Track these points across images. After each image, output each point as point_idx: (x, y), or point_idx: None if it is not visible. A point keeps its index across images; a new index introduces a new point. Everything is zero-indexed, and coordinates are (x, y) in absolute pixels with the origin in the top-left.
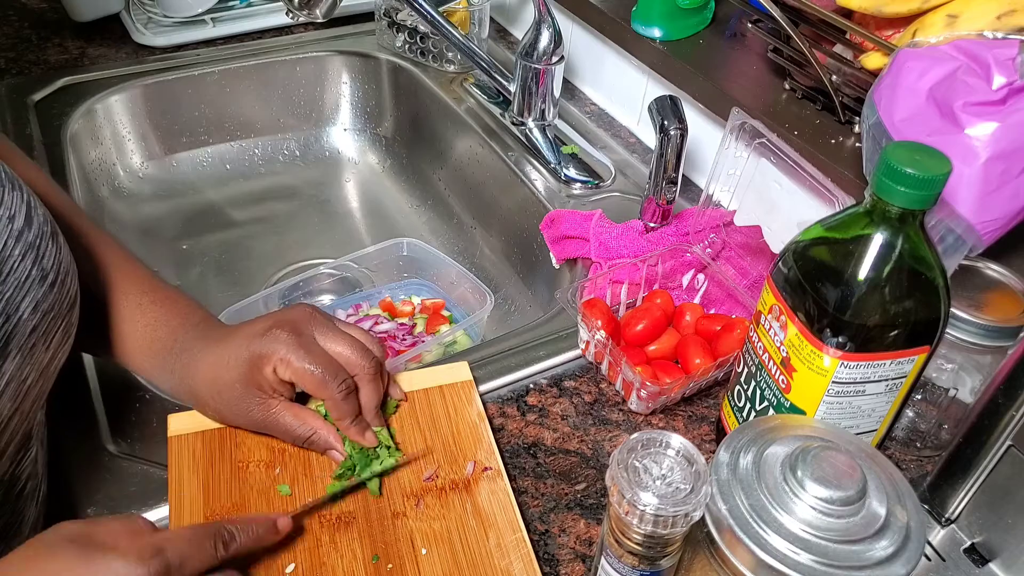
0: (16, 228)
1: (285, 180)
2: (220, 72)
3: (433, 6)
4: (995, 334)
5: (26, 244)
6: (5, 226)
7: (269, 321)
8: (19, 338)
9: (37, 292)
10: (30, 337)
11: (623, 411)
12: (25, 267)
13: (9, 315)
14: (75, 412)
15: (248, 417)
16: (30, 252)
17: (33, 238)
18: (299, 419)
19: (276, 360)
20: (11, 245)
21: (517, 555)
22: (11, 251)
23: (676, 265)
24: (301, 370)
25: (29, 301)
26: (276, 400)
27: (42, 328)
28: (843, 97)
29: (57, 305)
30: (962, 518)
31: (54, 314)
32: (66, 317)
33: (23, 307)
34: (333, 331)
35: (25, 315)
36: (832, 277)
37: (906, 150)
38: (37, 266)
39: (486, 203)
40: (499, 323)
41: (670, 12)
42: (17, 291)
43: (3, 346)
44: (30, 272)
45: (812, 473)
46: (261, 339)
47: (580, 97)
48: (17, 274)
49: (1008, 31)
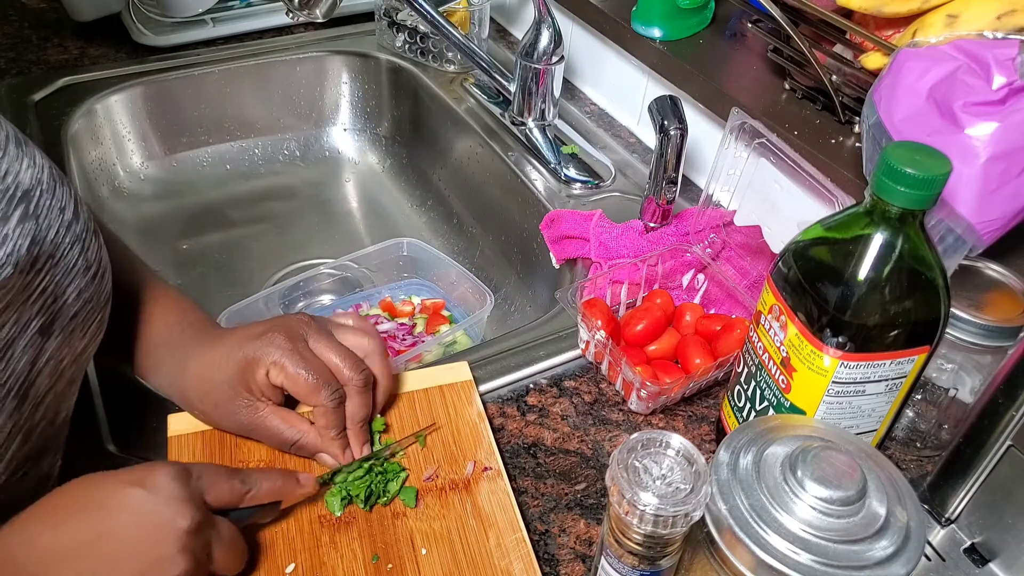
0: (67, 219)
1: (285, 180)
2: (220, 72)
3: (433, 6)
4: (995, 334)
5: (74, 235)
6: (57, 216)
7: (264, 325)
8: (62, 320)
9: (81, 281)
10: (71, 322)
11: (623, 411)
12: (73, 256)
13: (57, 296)
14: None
15: (235, 420)
16: (77, 243)
17: (80, 231)
18: (287, 423)
19: (270, 363)
20: (62, 234)
21: (517, 555)
22: (62, 239)
23: (676, 265)
24: (295, 375)
25: (74, 288)
26: (264, 403)
27: (82, 316)
28: (843, 97)
29: (96, 296)
30: (962, 518)
31: (93, 304)
32: (102, 310)
33: (69, 292)
34: (328, 339)
35: (70, 300)
36: (832, 277)
37: (906, 150)
38: (83, 256)
39: (486, 203)
40: (499, 323)
41: (670, 12)
42: (65, 276)
43: (49, 324)
44: (76, 261)
45: (812, 473)
46: (256, 342)
47: (580, 97)
48: (66, 261)
49: (1008, 31)
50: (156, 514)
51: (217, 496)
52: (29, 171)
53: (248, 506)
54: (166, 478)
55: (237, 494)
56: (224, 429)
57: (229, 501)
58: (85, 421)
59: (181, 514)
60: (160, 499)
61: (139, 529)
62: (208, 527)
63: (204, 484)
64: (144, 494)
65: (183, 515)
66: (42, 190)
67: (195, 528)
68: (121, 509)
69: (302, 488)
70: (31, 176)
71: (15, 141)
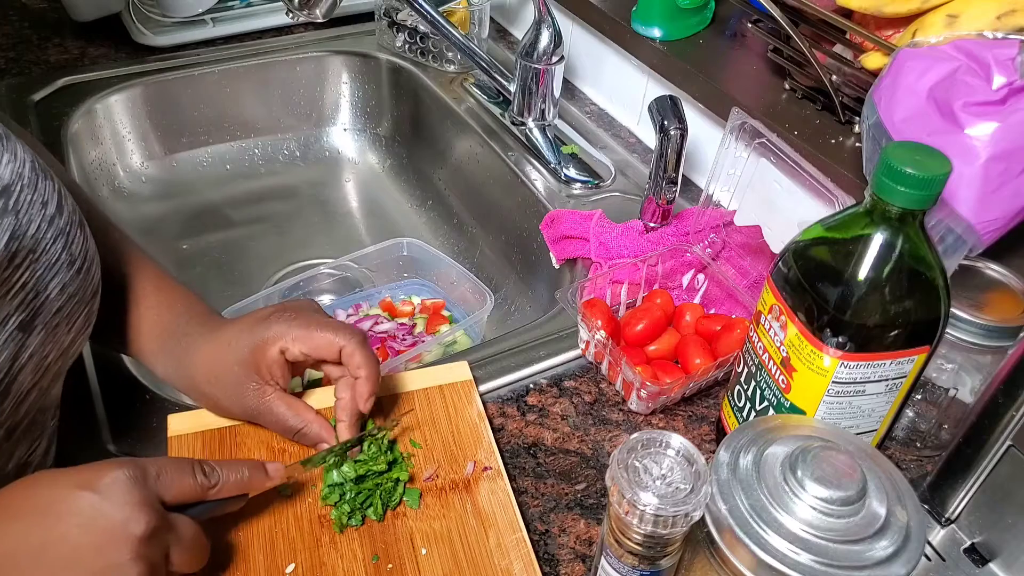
0: (49, 213)
1: (285, 180)
2: (220, 72)
3: (433, 6)
4: (995, 334)
5: (57, 229)
6: (39, 210)
7: (269, 310)
8: (45, 315)
9: (65, 275)
10: (55, 317)
11: (623, 411)
12: (56, 250)
13: (39, 292)
14: (75, 412)
15: (242, 404)
16: (60, 237)
17: (64, 224)
18: (293, 410)
19: (288, 339)
20: (44, 228)
21: (517, 555)
22: (44, 233)
23: (676, 265)
24: (318, 338)
25: (57, 283)
26: (272, 387)
27: (66, 310)
28: (843, 97)
29: (81, 291)
30: (962, 518)
31: (78, 299)
32: (89, 304)
33: (51, 287)
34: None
35: (52, 295)
36: (832, 277)
37: (906, 150)
38: (66, 251)
39: (486, 203)
40: (499, 323)
41: (670, 12)
42: (47, 271)
43: (30, 320)
44: (60, 256)
45: (812, 473)
46: (265, 323)
47: (580, 97)
48: (48, 255)
49: (1008, 31)
50: (107, 519)
51: (179, 494)
52: (9, 166)
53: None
54: (120, 480)
55: (201, 489)
56: (231, 415)
57: (192, 498)
58: (85, 421)
59: (134, 519)
60: (112, 504)
61: (89, 535)
62: (165, 530)
63: (164, 483)
64: (95, 498)
65: (136, 520)
66: (23, 185)
67: (149, 534)
68: (70, 513)
69: (270, 480)
70: (11, 171)
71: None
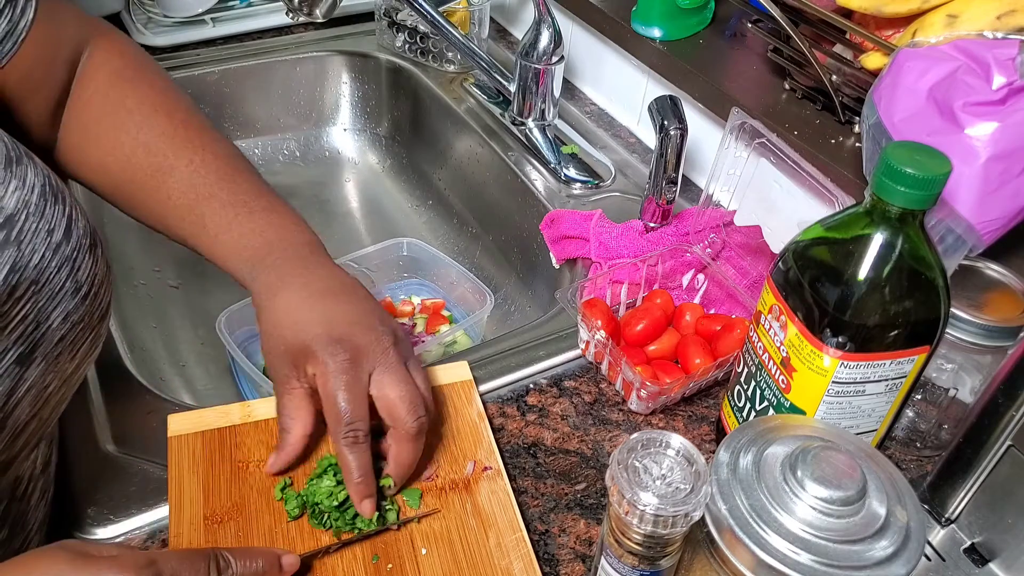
0: (55, 241)
1: (285, 180)
2: (220, 72)
3: (433, 6)
4: (995, 334)
5: (63, 257)
6: (44, 239)
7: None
8: (46, 346)
9: (69, 304)
10: (56, 346)
11: (623, 411)
12: (60, 279)
13: (39, 323)
14: (75, 412)
15: (272, 367)
16: (66, 265)
17: (70, 251)
18: (293, 411)
19: (320, 369)
20: (48, 257)
21: (517, 555)
22: (48, 263)
23: (676, 265)
24: (330, 394)
25: (60, 312)
26: (297, 383)
27: (70, 338)
28: (843, 97)
29: (87, 317)
30: (962, 518)
31: (83, 325)
32: (96, 328)
33: (53, 317)
34: (394, 371)
35: (55, 324)
36: (832, 277)
37: (906, 150)
38: (72, 279)
39: (486, 203)
40: (499, 323)
41: (670, 12)
42: (50, 301)
43: (29, 352)
44: (64, 284)
45: (812, 473)
46: (324, 341)
47: (580, 97)
48: (51, 285)
49: (1008, 31)
50: None
51: None
52: (16, 194)
53: None
54: None
55: None
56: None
57: None
58: (85, 421)
59: None
60: None
61: None
62: None
63: None
64: None
65: None
66: (28, 213)
67: None
68: None
69: (283, 573)
70: (16, 200)
71: (4, 162)
